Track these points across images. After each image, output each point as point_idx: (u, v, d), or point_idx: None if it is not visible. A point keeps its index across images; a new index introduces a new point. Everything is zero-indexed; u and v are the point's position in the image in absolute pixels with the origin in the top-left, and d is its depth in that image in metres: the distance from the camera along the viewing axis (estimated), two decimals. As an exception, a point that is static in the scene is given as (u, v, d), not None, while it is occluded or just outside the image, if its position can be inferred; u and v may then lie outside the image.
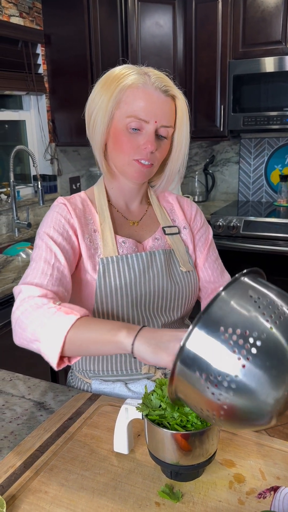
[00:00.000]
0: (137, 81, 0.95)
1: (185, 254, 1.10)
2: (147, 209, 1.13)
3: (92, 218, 1.05)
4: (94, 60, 2.70)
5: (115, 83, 0.96)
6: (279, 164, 3.40)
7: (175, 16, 3.02)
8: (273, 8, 2.81)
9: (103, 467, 0.81)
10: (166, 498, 0.73)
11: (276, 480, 0.77)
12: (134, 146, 0.97)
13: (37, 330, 0.83)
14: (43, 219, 1.02)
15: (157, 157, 0.99)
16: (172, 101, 0.98)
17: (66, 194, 3.13)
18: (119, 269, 1.01)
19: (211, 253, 1.16)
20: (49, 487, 0.77)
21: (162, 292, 1.04)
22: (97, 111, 0.98)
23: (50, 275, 0.92)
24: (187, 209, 1.16)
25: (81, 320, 0.82)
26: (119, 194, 1.08)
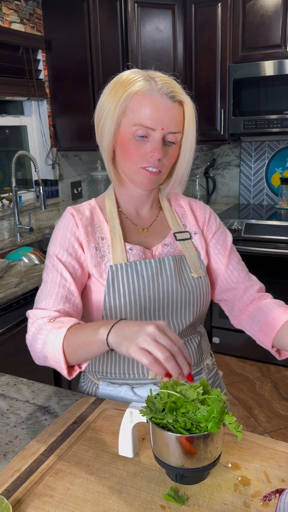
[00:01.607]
0: (143, 87, 0.94)
1: (197, 260, 1.08)
2: (158, 215, 1.12)
3: (100, 226, 1.06)
4: (94, 65, 2.72)
5: (121, 90, 0.95)
6: (280, 167, 3.41)
7: (175, 20, 3.04)
8: (272, 12, 2.82)
9: (108, 470, 0.81)
10: (171, 501, 0.73)
11: (281, 483, 0.77)
12: (141, 154, 0.96)
13: (42, 350, 0.93)
14: (53, 232, 1.06)
15: (165, 164, 0.99)
16: (180, 106, 0.97)
17: (67, 198, 3.14)
18: (128, 276, 1.01)
19: (233, 255, 1.14)
20: (54, 491, 0.77)
21: (172, 298, 1.03)
22: (104, 118, 0.98)
23: (55, 294, 0.98)
24: (199, 214, 1.14)
25: (70, 329, 0.89)
26: (129, 201, 1.08)
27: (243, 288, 1.12)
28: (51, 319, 0.94)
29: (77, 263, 1.01)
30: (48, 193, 2.93)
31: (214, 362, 1.22)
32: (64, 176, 3.08)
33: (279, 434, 2.44)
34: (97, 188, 3.39)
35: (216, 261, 1.13)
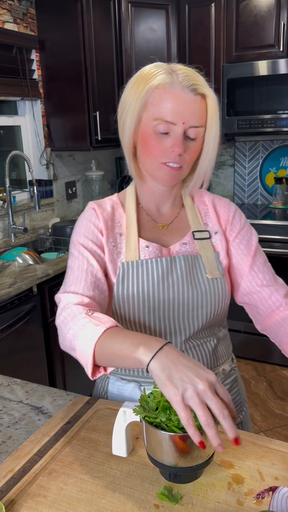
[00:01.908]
0: (163, 81, 0.91)
1: (214, 260, 1.03)
2: (179, 212, 1.09)
3: (120, 221, 1.05)
4: (88, 65, 2.72)
5: (142, 84, 0.93)
6: (274, 167, 3.42)
7: (168, 20, 3.05)
8: (266, 12, 2.83)
9: (102, 470, 0.81)
10: (165, 500, 0.73)
11: (275, 481, 0.77)
12: (162, 149, 0.94)
13: (72, 340, 0.88)
14: (75, 224, 1.06)
15: (186, 159, 0.95)
16: (202, 99, 0.93)
17: (62, 198, 3.14)
18: (138, 274, 0.99)
19: (258, 256, 1.08)
20: (48, 491, 0.77)
21: (182, 299, 1.00)
22: (126, 113, 0.97)
23: (84, 280, 0.97)
24: (223, 213, 1.09)
25: (107, 332, 0.83)
26: (150, 197, 1.06)
27: (268, 292, 1.06)
28: (89, 311, 0.89)
29: (102, 252, 1.01)
30: (42, 193, 2.92)
31: (235, 368, 1.17)
32: (58, 176, 3.08)
33: (274, 433, 2.45)
34: (91, 188, 3.39)
35: (240, 261, 1.07)
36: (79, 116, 2.81)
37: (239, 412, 1.14)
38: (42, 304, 2.09)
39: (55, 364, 2.19)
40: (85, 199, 3.40)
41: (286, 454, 0.84)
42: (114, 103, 3.01)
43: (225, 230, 1.08)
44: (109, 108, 2.96)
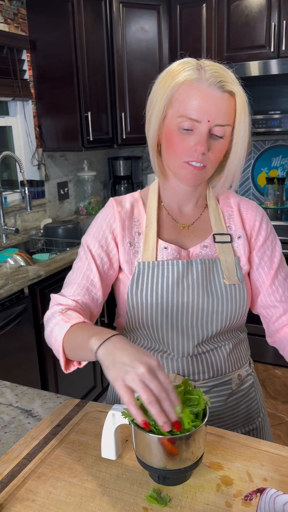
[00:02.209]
0: (190, 77, 0.88)
1: (233, 266, 0.99)
2: (202, 213, 1.05)
3: (139, 220, 1.03)
4: (80, 65, 2.71)
5: (169, 80, 0.91)
6: (266, 167, 3.43)
7: (160, 21, 3.05)
8: (257, 13, 2.84)
9: (91, 473, 0.81)
10: (153, 503, 0.73)
11: (263, 482, 0.78)
12: (185, 147, 0.91)
13: (49, 337, 0.94)
14: (93, 220, 1.06)
15: (210, 159, 0.92)
16: (231, 97, 0.89)
17: (54, 199, 3.13)
18: (153, 276, 0.98)
19: (281, 269, 1.04)
20: (36, 495, 0.76)
21: (197, 304, 0.97)
22: (152, 109, 0.94)
23: (77, 284, 1.00)
24: (250, 217, 1.04)
25: (73, 327, 0.88)
26: (172, 196, 1.03)
27: (284, 308, 1.03)
28: (63, 310, 0.94)
29: (106, 256, 1.01)
30: (34, 193, 2.91)
31: (252, 373, 1.13)
32: (50, 177, 3.07)
33: (266, 432, 2.45)
34: (83, 189, 3.38)
35: (261, 274, 1.04)
36: (71, 116, 2.80)
37: (255, 418, 1.10)
38: (33, 305, 2.09)
39: (47, 365, 2.18)
40: (77, 200, 3.39)
41: (275, 455, 0.84)
42: (105, 103, 3.01)
43: (251, 237, 1.03)
44: (100, 108, 2.96)
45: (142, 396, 0.69)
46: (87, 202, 3.37)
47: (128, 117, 3.11)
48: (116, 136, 3.14)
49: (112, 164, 3.70)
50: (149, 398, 0.68)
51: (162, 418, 0.69)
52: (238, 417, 1.06)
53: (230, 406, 1.05)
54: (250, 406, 1.09)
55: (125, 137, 3.14)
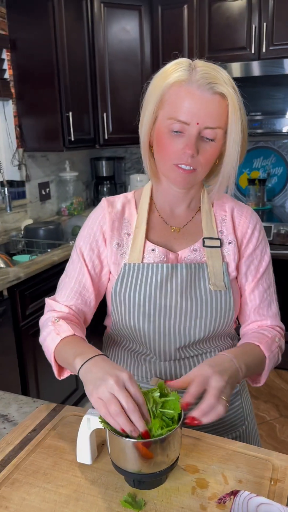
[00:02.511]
0: (180, 78, 0.87)
1: (221, 271, 0.98)
2: (194, 216, 1.03)
3: (130, 221, 1.02)
4: (60, 65, 2.69)
5: (161, 81, 0.90)
6: (247, 168, 3.46)
7: (141, 21, 3.04)
8: (237, 15, 2.86)
9: (65, 478, 0.80)
10: (128, 508, 0.73)
11: (238, 484, 0.78)
12: (175, 150, 0.89)
13: (43, 344, 0.98)
14: (86, 220, 1.07)
15: (200, 162, 0.90)
16: (222, 99, 0.87)
17: (35, 200, 3.10)
18: (138, 278, 0.97)
19: (264, 280, 1.03)
20: (9, 502, 0.75)
21: (180, 308, 0.96)
22: (144, 110, 0.94)
23: (70, 288, 1.02)
24: (242, 225, 1.02)
25: (63, 340, 0.92)
26: (164, 198, 1.02)
27: (253, 320, 1.04)
28: (55, 320, 0.96)
29: (97, 259, 1.02)
30: (15, 194, 2.88)
31: (239, 383, 1.08)
32: (31, 177, 3.03)
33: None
34: (65, 189, 3.36)
35: (244, 281, 1.03)
36: (52, 116, 2.78)
37: (239, 426, 1.09)
38: (13, 308, 2.06)
39: (28, 369, 2.16)
40: (59, 200, 3.36)
41: (250, 456, 0.84)
42: (87, 104, 3.00)
43: (241, 244, 1.02)
44: (82, 108, 2.94)
45: (109, 407, 0.72)
46: (69, 203, 3.35)
47: (110, 118, 3.10)
48: (98, 136, 3.13)
49: (95, 164, 3.69)
50: (114, 410, 0.72)
51: (128, 428, 0.71)
52: (220, 424, 1.06)
53: None
54: (234, 415, 1.08)
55: (107, 137, 3.12)
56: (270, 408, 2.66)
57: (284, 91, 2.85)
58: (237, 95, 0.89)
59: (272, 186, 3.41)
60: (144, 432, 0.72)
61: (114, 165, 3.68)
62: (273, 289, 1.06)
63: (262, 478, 0.79)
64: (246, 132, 0.94)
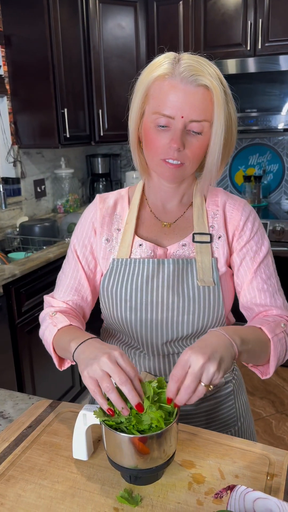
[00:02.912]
0: (164, 71, 0.86)
1: (209, 267, 0.96)
2: (186, 211, 1.02)
3: (122, 216, 1.03)
4: (56, 62, 2.68)
5: (146, 76, 0.89)
6: (243, 165, 3.45)
7: (137, 18, 3.03)
8: (233, 11, 2.85)
9: (61, 475, 0.80)
10: (124, 503, 0.73)
11: (235, 479, 0.78)
12: (162, 144, 0.89)
13: (42, 337, 1.01)
14: (80, 217, 1.08)
15: (188, 156, 0.89)
16: (207, 91, 0.85)
17: (30, 197, 3.08)
18: (125, 273, 0.97)
19: (262, 270, 0.99)
20: (5, 499, 0.75)
21: (166, 304, 0.95)
22: (131, 106, 0.93)
23: (66, 285, 1.04)
24: (234, 218, 1.00)
25: (60, 331, 0.94)
26: (156, 193, 1.02)
27: (257, 312, 0.99)
28: (52, 314, 0.99)
29: (91, 255, 1.04)
30: (10, 191, 2.87)
31: (233, 381, 1.10)
32: (26, 174, 3.02)
33: (244, 428, 2.48)
34: (61, 186, 3.35)
35: (242, 274, 1.00)
36: (47, 113, 2.77)
37: (231, 427, 1.07)
38: (8, 305, 2.05)
39: (24, 366, 2.15)
40: (54, 198, 3.35)
41: (246, 451, 0.84)
42: (82, 100, 2.98)
43: (233, 237, 1.00)
44: (77, 105, 2.93)
45: (101, 384, 0.73)
46: (64, 200, 3.34)
47: (106, 114, 3.09)
48: (93, 133, 3.11)
49: (90, 161, 3.68)
50: (107, 386, 0.73)
51: (119, 404, 0.73)
52: (212, 422, 1.05)
53: (201, 412, 1.04)
54: (226, 415, 1.07)
55: (102, 134, 3.11)
56: (266, 405, 2.67)
57: (279, 87, 2.85)
58: (224, 88, 0.88)
59: (267, 183, 3.41)
60: (138, 405, 0.72)
61: (109, 162, 3.67)
62: (276, 280, 1.01)
63: (258, 473, 0.79)
64: (233, 126, 0.92)
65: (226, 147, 0.93)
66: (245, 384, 1.17)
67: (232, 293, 1.03)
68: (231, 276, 1.02)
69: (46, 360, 0.98)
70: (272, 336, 0.90)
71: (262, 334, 0.90)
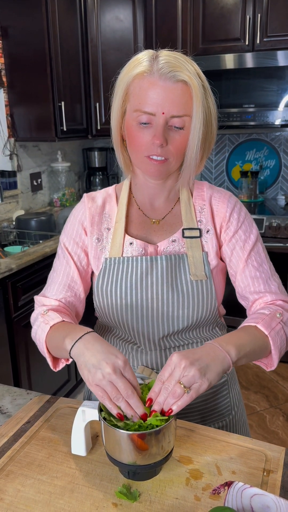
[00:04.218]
0: (142, 69, 0.87)
1: (201, 261, 0.98)
2: (174, 207, 1.03)
3: (110, 215, 1.03)
4: (53, 54, 2.66)
5: (125, 75, 0.90)
6: (240, 161, 3.46)
7: (135, 10, 3.01)
8: (232, 5, 2.84)
9: (60, 470, 0.80)
10: (123, 499, 0.73)
11: (232, 475, 0.79)
12: (145, 142, 0.89)
13: (34, 337, 0.99)
14: (69, 216, 1.07)
15: (171, 151, 0.90)
16: (186, 86, 0.86)
17: (26, 190, 3.07)
18: (119, 272, 0.98)
19: (253, 258, 1.00)
20: (4, 494, 0.75)
21: (162, 300, 0.97)
22: (112, 105, 0.93)
23: (59, 282, 1.03)
24: (220, 210, 1.01)
25: (53, 328, 0.93)
26: (143, 191, 1.02)
27: (252, 300, 1.00)
28: (44, 312, 0.97)
29: (83, 252, 1.03)
30: (6, 184, 2.85)
31: (227, 372, 1.09)
32: (22, 167, 3.01)
33: (238, 422, 2.50)
34: (57, 180, 3.33)
35: (235, 264, 1.01)
36: (44, 106, 2.75)
37: (225, 416, 1.09)
38: (5, 299, 2.05)
39: (20, 360, 2.15)
40: (51, 191, 3.34)
41: (243, 447, 0.85)
42: (79, 93, 2.97)
43: (220, 230, 1.01)
44: (74, 98, 2.91)
45: (110, 394, 0.74)
46: (61, 194, 3.33)
47: (103, 108, 3.08)
48: (90, 126, 3.10)
49: (87, 155, 3.66)
50: (117, 396, 0.74)
51: (129, 412, 0.74)
52: (207, 414, 1.07)
53: (197, 403, 1.05)
54: (221, 404, 1.08)
55: (99, 127, 3.10)
56: (260, 399, 2.69)
57: (277, 83, 2.84)
58: (202, 83, 0.89)
59: (264, 178, 3.42)
60: (144, 415, 0.74)
61: (106, 156, 3.65)
62: (268, 266, 1.01)
63: (255, 469, 0.80)
64: (213, 120, 0.93)
65: (205, 141, 0.93)
66: (239, 379, 1.19)
67: (222, 285, 1.05)
68: (221, 269, 1.03)
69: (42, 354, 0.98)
70: (269, 331, 0.90)
71: (258, 332, 0.91)
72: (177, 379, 0.74)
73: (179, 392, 0.73)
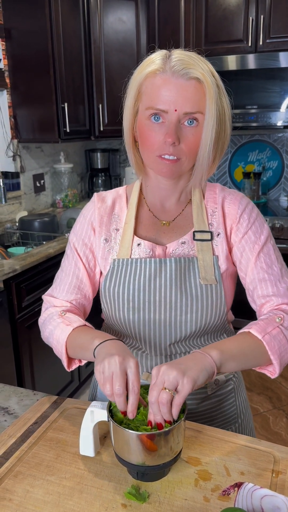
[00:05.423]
0: (155, 67, 0.86)
1: (211, 265, 0.96)
2: (184, 208, 1.01)
3: (120, 216, 1.02)
4: (56, 56, 2.66)
5: (138, 74, 0.90)
6: (242, 162, 3.46)
7: (138, 12, 3.01)
8: (235, 6, 2.84)
9: (69, 471, 0.80)
10: (132, 499, 0.73)
11: (240, 476, 0.79)
12: (157, 141, 0.88)
13: (48, 338, 0.99)
14: (78, 216, 1.07)
15: (184, 150, 0.88)
16: (199, 84, 0.86)
17: (29, 191, 3.08)
18: (126, 273, 0.97)
19: (262, 260, 0.97)
20: (13, 495, 0.75)
21: (170, 303, 0.95)
22: (125, 105, 0.93)
23: (68, 283, 1.03)
24: (231, 212, 0.99)
25: (76, 329, 0.94)
26: (154, 192, 1.01)
27: (259, 305, 0.97)
28: (62, 313, 0.98)
29: (91, 253, 1.03)
30: (9, 185, 2.86)
31: (234, 379, 1.09)
32: (25, 169, 3.01)
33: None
34: (60, 181, 3.34)
35: (244, 266, 0.98)
36: (47, 107, 2.75)
37: (231, 424, 1.07)
38: (9, 300, 2.05)
39: (24, 361, 2.15)
40: (53, 192, 3.34)
41: (251, 449, 0.85)
42: (82, 95, 2.97)
43: (230, 231, 0.99)
44: (77, 99, 2.92)
45: (114, 387, 0.75)
46: (64, 195, 3.33)
47: (106, 109, 3.08)
48: (93, 128, 3.10)
49: (90, 156, 3.66)
50: (118, 390, 0.75)
51: (122, 407, 0.75)
52: (213, 421, 1.05)
53: (203, 410, 1.04)
54: (227, 412, 1.07)
55: (102, 129, 3.10)
56: (264, 400, 2.69)
57: (279, 84, 2.85)
58: (216, 81, 0.88)
59: (267, 179, 3.42)
60: (124, 412, 0.76)
61: (109, 157, 3.66)
62: (279, 268, 0.98)
63: (264, 470, 0.80)
64: (226, 120, 0.91)
65: (219, 140, 0.92)
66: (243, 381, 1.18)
67: (232, 290, 1.04)
68: (231, 273, 1.01)
69: (45, 355, 0.99)
70: (263, 335, 0.88)
71: (251, 337, 0.89)
72: (161, 386, 0.74)
73: (166, 397, 0.73)
